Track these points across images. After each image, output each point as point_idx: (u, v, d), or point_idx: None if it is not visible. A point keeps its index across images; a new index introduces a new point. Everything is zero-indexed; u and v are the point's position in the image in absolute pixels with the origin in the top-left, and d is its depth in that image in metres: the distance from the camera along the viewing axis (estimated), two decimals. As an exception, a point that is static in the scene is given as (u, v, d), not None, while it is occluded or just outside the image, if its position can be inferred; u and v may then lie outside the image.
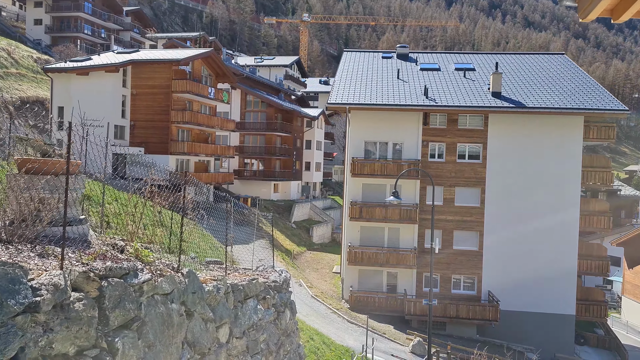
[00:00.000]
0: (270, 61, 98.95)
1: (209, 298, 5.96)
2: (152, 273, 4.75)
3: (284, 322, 8.54)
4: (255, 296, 7.63)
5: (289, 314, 9.08)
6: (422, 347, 23.88)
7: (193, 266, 6.85)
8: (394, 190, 15.31)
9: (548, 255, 30.76)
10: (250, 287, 7.41)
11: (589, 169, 30.72)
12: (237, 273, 8.05)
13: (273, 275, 9.00)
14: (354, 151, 32.28)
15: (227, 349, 6.28)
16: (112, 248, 5.02)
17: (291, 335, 9.02)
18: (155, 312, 4.50)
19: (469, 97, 31.42)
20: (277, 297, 8.54)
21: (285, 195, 57.94)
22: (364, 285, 31.95)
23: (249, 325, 7.09)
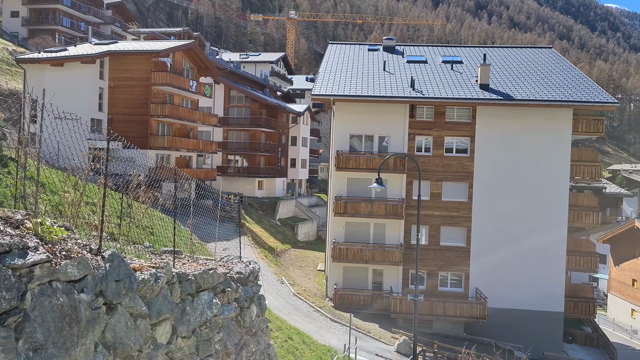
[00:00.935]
0: (256, 57, 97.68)
1: (144, 289, 4.92)
2: (52, 253, 3.71)
3: (248, 319, 7.51)
4: (212, 289, 6.60)
5: (256, 310, 8.04)
6: (408, 346, 22.97)
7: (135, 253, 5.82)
8: (377, 177, 14.35)
9: (537, 251, 30.05)
10: (205, 278, 6.37)
11: (577, 163, 30.06)
12: (195, 263, 7.01)
13: (238, 267, 7.97)
14: (338, 144, 31.30)
15: (168, 350, 5.25)
16: (4, 222, 3.97)
17: (258, 334, 7.99)
18: (51, 304, 3.45)
19: (456, 90, 30.60)
20: (241, 291, 7.50)
21: (270, 192, 56.83)
22: (349, 283, 31.00)
23: (200, 323, 6.06)
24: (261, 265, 30.29)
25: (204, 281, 6.29)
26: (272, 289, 26.75)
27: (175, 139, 42.10)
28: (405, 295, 29.65)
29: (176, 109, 41.71)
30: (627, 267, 47.18)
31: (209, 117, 47.63)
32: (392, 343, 23.90)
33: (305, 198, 61.12)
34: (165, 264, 5.42)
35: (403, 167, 30.11)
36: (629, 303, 47.21)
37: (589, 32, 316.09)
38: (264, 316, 8.63)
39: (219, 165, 54.48)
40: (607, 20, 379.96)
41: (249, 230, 38.30)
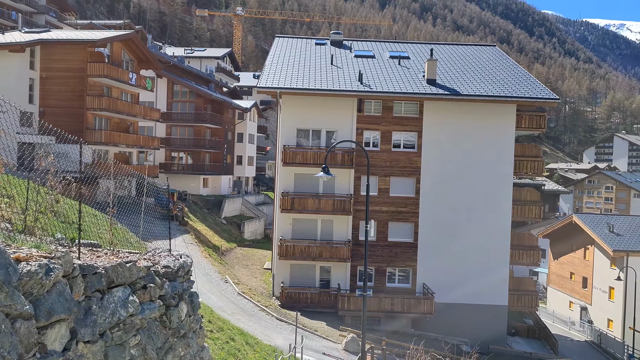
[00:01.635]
0: (202, 53, 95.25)
1: (29, 283, 3.96)
2: None
3: (176, 318, 6.58)
4: (131, 284, 5.67)
5: (186, 308, 7.11)
6: (355, 343, 22.45)
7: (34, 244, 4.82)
8: (324, 165, 13.70)
9: (482, 245, 30.31)
10: (120, 272, 5.43)
11: (521, 159, 30.55)
12: (114, 256, 6.04)
13: (165, 260, 7.02)
14: (285, 139, 30.48)
15: (65, 359, 4.30)
16: None
17: (189, 335, 7.08)
18: None
19: (404, 84, 30.43)
20: (168, 287, 6.57)
21: (216, 190, 55.28)
22: (296, 281, 30.25)
23: (111, 324, 5.12)
24: (205, 265, 29.08)
25: (117, 275, 5.34)
26: (216, 288, 25.63)
27: (114, 133, 40.04)
28: (353, 293, 29.21)
29: (114, 102, 39.65)
30: (566, 260, 48.86)
31: (150, 112, 45.67)
32: (340, 341, 23.33)
33: (252, 196, 59.89)
34: (63, 254, 4.46)
35: (351, 162, 29.65)
36: (567, 295, 48.90)
37: (527, 36, 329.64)
38: (196, 315, 7.72)
39: (162, 162, 52.42)
40: (544, 25, 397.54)
41: (193, 228, 36.87)
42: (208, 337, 14.10)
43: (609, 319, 42.85)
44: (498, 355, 27.40)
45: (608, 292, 43.24)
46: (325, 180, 14.40)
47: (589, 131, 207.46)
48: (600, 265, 44.14)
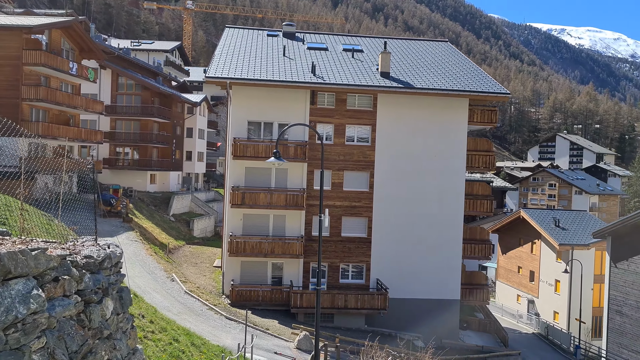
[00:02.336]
0: (149, 45, 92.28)
1: None
2: None
3: (97, 317, 5.59)
4: (37, 276, 4.67)
5: (113, 305, 6.11)
6: (308, 341, 21.73)
7: None
8: (275, 150, 12.86)
9: (435, 240, 30.24)
10: (19, 260, 4.42)
11: (473, 153, 30.66)
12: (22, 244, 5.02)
13: (88, 250, 6.02)
14: (236, 132, 29.38)
15: None
16: None
17: (116, 337, 6.10)
18: None
19: (357, 77, 29.93)
20: (89, 280, 5.58)
21: (164, 186, 53.33)
22: (247, 278, 29.23)
23: (5, 324, 4.13)
24: (150, 263, 27.63)
25: (17, 264, 4.33)
26: (161, 287, 24.30)
27: (52, 126, 37.72)
28: (306, 289, 28.50)
29: (53, 93, 37.33)
30: (514, 255, 49.89)
31: (93, 104, 43.40)
32: (292, 339, 22.55)
33: (202, 193, 58.24)
34: None
35: (304, 155, 28.88)
36: (514, 289, 49.94)
37: (475, 38, 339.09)
38: (127, 313, 6.73)
39: (106, 158, 50.11)
40: (490, 28, 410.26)
41: (138, 225, 35.17)
42: (149, 338, 13.02)
43: (555, 311, 43.99)
44: (451, 349, 27.31)
45: (554, 285, 44.38)
46: (277, 167, 13.58)
47: (533, 131, 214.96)
48: (546, 259, 45.25)
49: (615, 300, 35.43)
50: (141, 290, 21.60)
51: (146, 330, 13.65)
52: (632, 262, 34.17)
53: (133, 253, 27.94)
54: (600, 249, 41.81)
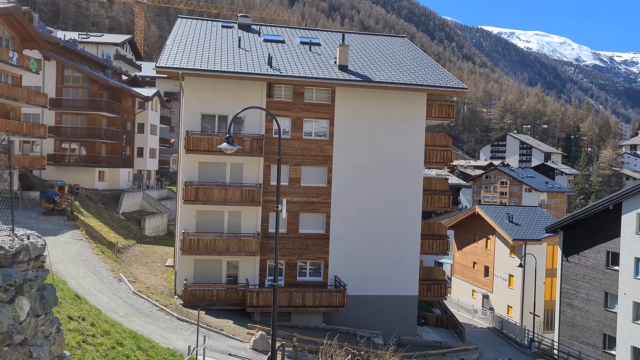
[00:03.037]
0: (99, 38, 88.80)
1: None
2: None
3: (7, 319, 4.65)
4: None
5: (30, 305, 5.16)
6: (265, 341, 20.89)
7: None
8: (228, 134, 11.99)
9: (393, 235, 29.95)
10: None
11: (431, 148, 30.54)
12: None
13: None
14: (189, 125, 28.16)
15: None
16: None
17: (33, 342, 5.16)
18: None
19: (315, 70, 29.25)
20: (-3, 275, 4.63)
21: (114, 184, 51.16)
22: (201, 277, 28.08)
23: None
24: (96, 263, 26.08)
25: None
26: (108, 288, 22.89)
27: (-11, 118, 35.34)
28: (262, 288, 27.61)
29: (-10, 83, 34.96)
30: (469, 251, 50.49)
31: (35, 96, 41.02)
32: (248, 340, 21.65)
33: (154, 190, 56.25)
34: None
35: (260, 150, 27.98)
36: (470, 284, 50.56)
37: (429, 40, 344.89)
38: (50, 315, 5.76)
39: (51, 154, 47.53)
40: (444, 30, 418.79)
41: (84, 224, 33.33)
42: (89, 342, 11.93)
43: (509, 305, 44.73)
44: (409, 345, 27.04)
45: (508, 280, 45.11)
46: (229, 152, 12.70)
47: (485, 130, 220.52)
48: (500, 254, 45.96)
49: (566, 293, 36.22)
50: (85, 291, 20.24)
51: (86, 334, 12.51)
52: (582, 255, 34.98)
53: (77, 252, 26.34)
54: (552, 243, 42.76)
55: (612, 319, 32.53)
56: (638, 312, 30.88)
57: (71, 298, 16.44)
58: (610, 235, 32.75)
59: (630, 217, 31.31)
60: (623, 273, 31.65)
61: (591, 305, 34.09)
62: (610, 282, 32.70)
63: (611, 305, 32.89)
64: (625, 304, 31.48)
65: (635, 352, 30.93)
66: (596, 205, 33.93)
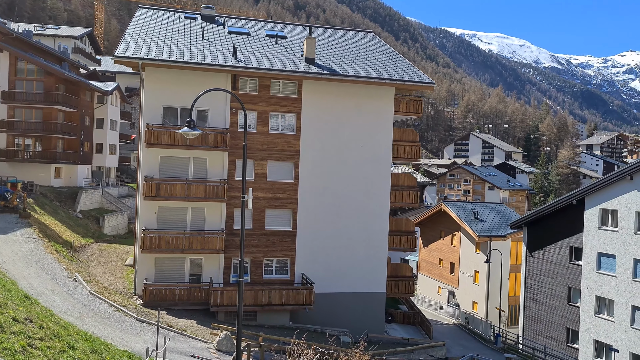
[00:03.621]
0: (56, 31, 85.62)
1: None
2: None
3: None
4: None
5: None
6: (229, 341, 20.08)
7: None
8: (189, 118, 11.22)
9: (361, 231, 29.54)
10: None
11: (399, 143, 30.26)
12: None
13: None
14: (150, 117, 27.02)
15: None
16: None
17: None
18: None
19: (281, 62, 28.53)
20: None
21: (71, 181, 49.18)
22: (163, 276, 27.00)
23: None
24: (49, 262, 24.66)
25: None
26: (62, 288, 21.61)
27: None
28: (227, 286, 26.72)
29: None
30: (435, 247, 50.66)
31: (-15, 88, 38.87)
32: (212, 340, 20.79)
33: (114, 188, 54.38)
34: None
35: (225, 144, 27.07)
36: (435, 281, 50.75)
37: (394, 40, 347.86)
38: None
39: (3, 149, 45.31)
40: (408, 31, 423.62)
41: (38, 222, 31.67)
42: (35, 346, 10.94)
43: (474, 301, 45.04)
44: (377, 343, 26.67)
45: (473, 276, 45.42)
46: (191, 137, 11.91)
47: (448, 130, 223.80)
48: (466, 250, 46.24)
49: (531, 288, 36.60)
50: (36, 292, 19.00)
51: (33, 337, 11.48)
52: (547, 251, 35.38)
53: (29, 251, 24.87)
54: (516, 239, 43.26)
55: (575, 313, 32.99)
56: (600, 307, 31.39)
57: (19, 299, 15.29)
58: (574, 231, 33.20)
59: (593, 212, 31.79)
60: (586, 268, 32.12)
61: (555, 300, 34.51)
62: (574, 276, 33.16)
63: (574, 299, 33.35)
64: (588, 299, 31.95)
65: (597, 345, 31.44)
66: (560, 201, 34.36)
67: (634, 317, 29.25)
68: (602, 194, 31.35)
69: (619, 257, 30.11)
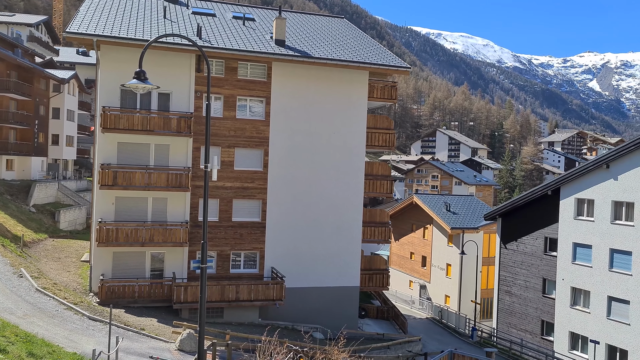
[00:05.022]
0: (9, 18, 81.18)
1: None
2: None
3: None
4: None
5: None
6: (193, 340, 18.40)
7: None
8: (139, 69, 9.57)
9: (334, 223, 28.19)
10: None
11: (373, 130, 29.02)
12: None
13: None
14: (106, 100, 24.96)
15: None
16: None
17: None
18: None
19: (250, 44, 26.85)
20: None
21: (25, 173, 46.22)
22: (121, 272, 25.03)
23: None
24: (-7, 256, 22.39)
25: None
26: (5, 284, 19.45)
27: None
28: (191, 281, 24.94)
29: None
30: (406, 241, 49.78)
31: None
32: (174, 339, 19.05)
33: (72, 181, 51.48)
34: None
35: (188, 129, 25.24)
36: (407, 275, 49.91)
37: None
38: None
39: (-51, 139, 42.09)
40: (375, 29, 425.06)
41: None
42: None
43: (447, 294, 44.32)
44: (351, 339, 25.39)
45: (445, 269, 44.70)
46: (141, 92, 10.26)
47: (415, 127, 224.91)
48: (438, 243, 45.48)
49: (505, 280, 35.95)
50: (-26, 289, 16.91)
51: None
52: (521, 242, 34.77)
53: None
54: (488, 232, 42.69)
55: (550, 305, 32.46)
56: (576, 298, 30.91)
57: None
58: (549, 221, 32.65)
59: (569, 202, 31.26)
60: (561, 259, 31.60)
61: (529, 292, 33.94)
62: (549, 268, 32.62)
63: (549, 291, 32.83)
64: (563, 290, 31.44)
65: (573, 337, 30.96)
66: (535, 191, 33.77)
67: (610, 308, 28.82)
68: (577, 183, 30.84)
69: (594, 248, 29.64)
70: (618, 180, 28.49)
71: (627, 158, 28.13)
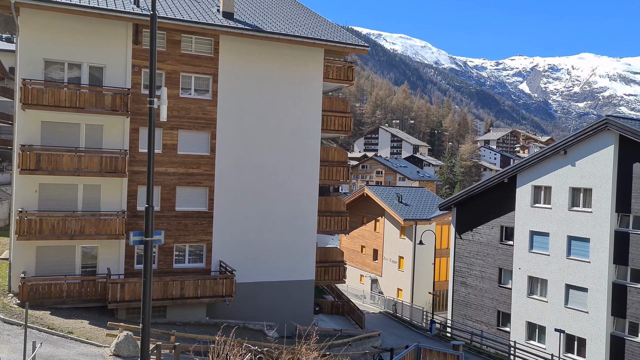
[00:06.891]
0: None
1: None
2: None
3: None
4: None
5: None
6: (131, 343, 15.84)
7: None
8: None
9: (288, 212, 26.19)
10: None
11: (328, 114, 27.23)
12: None
13: None
14: (27, 72, 21.75)
15: None
16: None
17: None
18: None
19: (194, 14, 24.31)
20: None
21: None
22: (46, 269, 21.93)
23: None
24: None
25: None
26: None
27: None
28: (129, 278, 22.20)
29: None
30: (357, 234, 48.43)
31: None
32: (109, 343, 16.40)
33: (-9, 174, 46.60)
34: None
35: (125, 107, 22.43)
36: (358, 269, 48.58)
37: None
38: None
39: None
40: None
41: None
42: None
43: (399, 288, 43.30)
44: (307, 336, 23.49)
45: (398, 262, 43.67)
46: None
47: (358, 124, 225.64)
48: (390, 235, 44.40)
49: (460, 271, 35.18)
50: None
51: None
52: (476, 232, 34.05)
53: None
54: (441, 223, 42.00)
55: (506, 295, 31.91)
56: (533, 287, 30.45)
57: None
58: (505, 210, 32.09)
59: (525, 189, 30.75)
60: (518, 247, 31.05)
61: (485, 283, 33.30)
62: (505, 257, 32.05)
63: (505, 281, 32.29)
64: (520, 279, 30.92)
65: (530, 327, 30.47)
66: (491, 179, 33.15)
67: (568, 296, 28.46)
68: (534, 170, 30.36)
69: (552, 235, 29.22)
70: (576, 167, 28.14)
71: (584, 143, 27.81)
